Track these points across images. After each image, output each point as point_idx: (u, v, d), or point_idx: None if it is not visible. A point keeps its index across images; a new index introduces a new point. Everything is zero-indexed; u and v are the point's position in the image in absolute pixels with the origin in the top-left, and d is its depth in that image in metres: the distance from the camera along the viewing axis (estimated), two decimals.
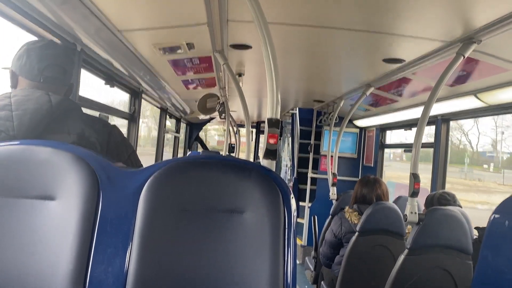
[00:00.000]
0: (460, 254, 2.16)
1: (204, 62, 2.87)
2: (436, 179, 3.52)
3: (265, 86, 1.50)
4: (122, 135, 1.40)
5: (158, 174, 1.11)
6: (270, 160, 1.43)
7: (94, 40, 2.01)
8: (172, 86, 3.64)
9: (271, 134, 1.44)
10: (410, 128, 4.20)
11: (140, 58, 2.54)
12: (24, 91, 1.28)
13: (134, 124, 3.23)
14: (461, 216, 2.17)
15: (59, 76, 1.36)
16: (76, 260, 1.03)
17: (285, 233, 1.11)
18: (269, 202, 1.12)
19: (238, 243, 1.08)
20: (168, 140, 6.00)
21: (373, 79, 3.19)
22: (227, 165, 1.16)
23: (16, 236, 1.04)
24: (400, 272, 2.16)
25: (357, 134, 5.55)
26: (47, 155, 1.10)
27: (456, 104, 3.09)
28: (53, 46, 1.38)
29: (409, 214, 2.14)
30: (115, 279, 1.04)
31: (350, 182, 5.44)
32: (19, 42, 1.39)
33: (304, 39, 2.41)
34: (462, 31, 1.97)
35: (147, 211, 1.08)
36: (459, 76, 2.68)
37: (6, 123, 1.18)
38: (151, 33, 2.20)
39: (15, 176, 1.08)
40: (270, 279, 1.07)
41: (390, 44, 2.35)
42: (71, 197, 1.07)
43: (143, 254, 1.05)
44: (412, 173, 2.20)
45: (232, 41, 2.47)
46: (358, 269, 2.68)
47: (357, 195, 2.97)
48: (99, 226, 1.06)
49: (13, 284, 1.01)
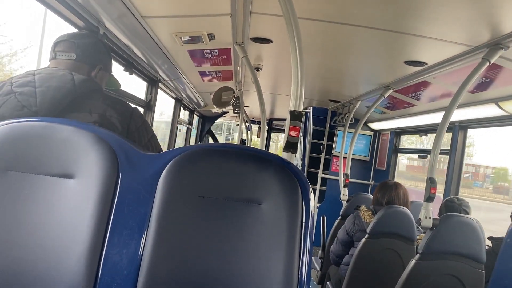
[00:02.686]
0: (472, 263, 2.13)
1: (223, 54, 2.86)
2: (450, 187, 3.47)
3: (282, 82, 1.50)
4: (143, 118, 1.40)
5: (178, 159, 1.10)
6: (290, 153, 1.42)
7: (116, 25, 2.01)
8: (189, 77, 3.63)
9: (293, 126, 1.43)
10: (426, 134, 4.15)
11: (160, 46, 2.54)
12: (47, 69, 1.29)
13: (149, 113, 3.24)
14: (476, 224, 2.13)
15: (70, 51, 1.37)
16: (91, 240, 1.02)
17: (302, 227, 1.10)
18: (287, 195, 1.10)
19: (254, 233, 1.07)
20: (180, 132, 6.01)
21: (392, 81, 3.15)
22: (247, 155, 1.14)
23: (34, 212, 1.04)
24: (410, 277, 2.14)
25: (371, 136, 5.50)
26: (68, 134, 1.10)
27: (475, 111, 3.04)
28: (77, 33, 1.44)
29: (423, 218, 2.12)
30: (129, 261, 1.03)
31: (361, 185, 5.40)
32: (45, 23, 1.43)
33: (325, 35, 2.38)
34: (489, 36, 1.93)
35: (165, 195, 1.07)
36: (481, 83, 2.63)
37: (29, 99, 1.19)
38: (173, 21, 2.20)
39: (35, 153, 1.08)
40: (285, 273, 1.05)
41: (413, 46, 2.31)
42: (90, 177, 1.06)
43: (159, 238, 1.04)
44: (429, 177, 2.17)
45: (253, 34, 2.46)
46: (365, 271, 2.66)
47: (374, 197, 3.00)
48: (116, 207, 1.06)
49: (28, 260, 1.01)
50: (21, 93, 1.19)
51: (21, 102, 1.19)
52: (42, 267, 1.01)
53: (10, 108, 1.18)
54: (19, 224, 1.03)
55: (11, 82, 1.23)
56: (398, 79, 3.06)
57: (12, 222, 1.03)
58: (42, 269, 1.01)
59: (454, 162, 3.50)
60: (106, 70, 1.52)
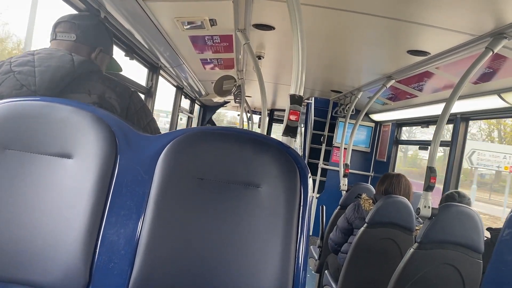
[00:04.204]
0: (471, 252, 2.13)
1: (224, 41, 2.84)
2: (450, 179, 3.47)
3: (284, 71, 1.50)
4: (142, 101, 1.40)
5: (177, 141, 1.10)
6: (289, 137, 1.41)
7: (117, 8, 2.00)
8: (190, 64, 3.61)
9: (293, 110, 1.42)
10: (427, 126, 4.13)
11: (161, 31, 2.52)
12: (47, 49, 1.28)
13: (150, 99, 3.23)
14: (475, 214, 2.13)
15: (71, 32, 1.36)
16: (89, 219, 1.03)
17: (300, 210, 1.10)
18: (286, 178, 1.10)
19: (252, 216, 1.07)
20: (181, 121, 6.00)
21: (395, 71, 3.13)
22: (246, 138, 1.14)
23: (31, 191, 1.04)
24: (407, 266, 2.14)
25: (372, 128, 5.49)
26: (67, 114, 1.09)
27: (477, 103, 3.02)
28: (78, 14, 1.42)
29: (422, 208, 2.12)
30: (126, 241, 1.03)
31: (361, 176, 5.40)
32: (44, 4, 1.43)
33: (329, 22, 2.36)
34: (494, 25, 1.91)
35: (163, 176, 1.07)
36: (484, 74, 2.61)
37: (28, 78, 1.18)
38: (175, 6, 2.18)
39: (34, 132, 1.08)
40: (282, 255, 1.06)
41: (416, 35, 2.29)
42: (88, 156, 1.06)
43: (157, 219, 1.04)
44: (429, 167, 2.16)
45: (256, 21, 2.44)
46: (363, 260, 2.66)
47: (376, 187, 3.02)
48: (114, 187, 1.06)
49: (26, 238, 1.02)
50: (20, 72, 1.19)
51: (20, 81, 1.18)
52: (39, 246, 1.01)
53: (9, 87, 1.18)
54: (16, 203, 1.03)
55: (10, 62, 1.22)
56: (400, 69, 3.04)
57: (9, 200, 1.03)
58: (39, 248, 1.01)
59: (455, 154, 3.49)
60: (107, 52, 1.51)
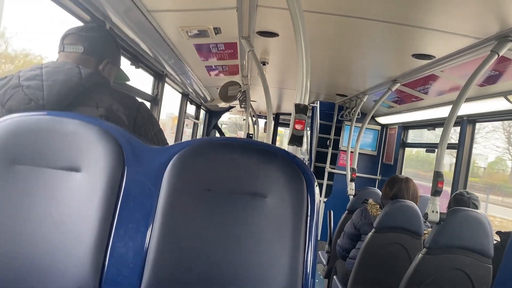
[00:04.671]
0: (480, 257, 2.11)
1: (229, 48, 2.86)
2: (458, 181, 3.45)
3: (288, 76, 1.50)
4: (149, 112, 1.41)
5: (183, 153, 1.11)
6: (295, 146, 1.42)
7: (122, 19, 2.02)
8: (195, 72, 3.64)
9: (298, 120, 1.42)
10: (433, 128, 4.12)
11: (166, 40, 2.54)
12: (55, 63, 1.30)
13: (156, 107, 3.25)
14: (484, 218, 2.12)
15: (78, 44, 1.38)
16: (98, 232, 1.03)
17: (308, 220, 1.10)
18: (292, 188, 1.10)
19: (259, 227, 1.07)
20: (187, 126, 6.02)
21: (400, 74, 3.13)
22: (252, 148, 1.14)
23: (40, 205, 1.05)
24: (416, 271, 2.13)
25: (378, 131, 5.47)
26: (75, 127, 1.11)
27: (484, 105, 3.01)
28: (85, 26, 1.43)
29: (430, 212, 2.10)
30: (135, 254, 1.04)
31: (368, 180, 5.39)
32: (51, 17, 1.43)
33: (332, 28, 2.36)
34: (498, 28, 1.90)
35: (171, 188, 1.07)
36: (490, 76, 2.60)
37: (36, 93, 1.20)
38: (179, 15, 2.20)
39: (42, 146, 1.09)
40: (290, 266, 1.06)
41: (421, 39, 2.29)
42: (96, 170, 1.07)
43: (165, 231, 1.05)
44: (436, 171, 2.15)
45: (260, 28, 2.45)
46: (372, 265, 2.65)
47: (383, 191, 2.99)
48: (122, 200, 1.07)
49: (36, 253, 1.03)
50: (28, 87, 1.21)
51: (29, 95, 1.20)
52: (49, 260, 1.02)
53: (18, 102, 1.19)
54: (26, 217, 1.04)
55: (19, 76, 1.24)
56: (405, 73, 3.04)
57: (19, 215, 1.04)
58: (49, 262, 1.02)
59: (462, 157, 3.47)
60: (114, 64, 1.52)
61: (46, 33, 2.02)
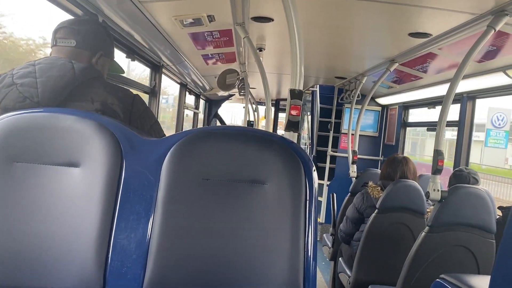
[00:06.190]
0: (482, 233, 2.13)
1: (224, 36, 2.84)
2: (460, 159, 3.45)
3: (286, 61, 1.49)
4: (144, 105, 1.41)
5: (181, 143, 1.11)
6: (292, 132, 1.42)
7: (115, 11, 2.00)
8: (192, 61, 3.62)
9: (293, 105, 1.42)
10: (434, 107, 4.10)
11: (160, 31, 2.52)
12: (48, 59, 1.29)
13: (154, 99, 3.24)
14: (485, 194, 2.12)
15: (71, 38, 1.37)
16: (99, 226, 1.05)
17: (307, 205, 1.11)
18: (290, 173, 1.11)
19: (259, 213, 1.08)
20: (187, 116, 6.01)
21: (398, 54, 3.11)
22: (249, 136, 1.15)
23: (41, 201, 1.06)
24: (420, 249, 2.15)
25: (379, 112, 5.46)
26: (71, 123, 1.11)
27: (483, 81, 2.99)
28: (77, 19, 1.41)
29: (431, 191, 2.11)
30: (137, 245, 1.05)
31: (370, 161, 5.39)
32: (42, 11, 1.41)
33: (328, 11, 2.34)
34: (494, 2, 1.88)
35: (170, 179, 1.08)
36: (488, 52, 2.58)
37: (31, 90, 1.20)
38: (172, 4, 2.18)
39: (40, 143, 1.10)
40: (291, 250, 1.07)
41: (417, 18, 2.27)
42: (94, 164, 1.08)
43: (165, 222, 1.06)
44: (436, 150, 2.16)
45: (254, 14, 2.43)
46: (377, 246, 2.67)
47: (383, 172, 2.99)
48: (122, 193, 1.08)
49: (38, 249, 1.04)
50: (22, 84, 1.21)
51: (23, 93, 1.20)
52: (52, 255, 1.03)
53: (13, 100, 1.19)
54: (27, 214, 1.05)
55: (12, 74, 1.24)
56: (403, 52, 3.02)
57: (20, 212, 1.05)
58: (53, 258, 1.03)
59: (463, 134, 3.46)
60: (108, 56, 1.52)
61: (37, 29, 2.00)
